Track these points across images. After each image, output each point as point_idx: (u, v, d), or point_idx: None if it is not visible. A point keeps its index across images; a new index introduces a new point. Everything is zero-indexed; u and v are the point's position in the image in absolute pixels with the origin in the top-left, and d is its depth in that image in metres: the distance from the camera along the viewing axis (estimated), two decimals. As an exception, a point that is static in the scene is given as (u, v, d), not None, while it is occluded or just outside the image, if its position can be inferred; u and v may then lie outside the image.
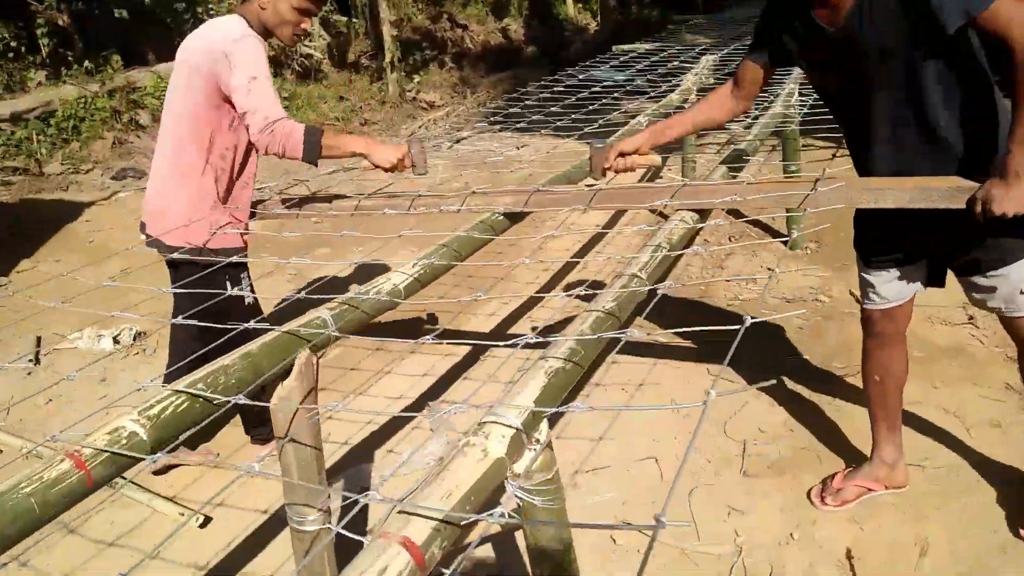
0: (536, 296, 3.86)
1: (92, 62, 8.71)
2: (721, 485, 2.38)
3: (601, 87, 4.47)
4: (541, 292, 3.99)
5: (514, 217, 2.36)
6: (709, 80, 4.74)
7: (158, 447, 1.29)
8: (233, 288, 2.40)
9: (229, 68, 2.20)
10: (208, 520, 2.38)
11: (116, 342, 3.71)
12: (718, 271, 4.07)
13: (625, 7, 15.13)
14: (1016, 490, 2.22)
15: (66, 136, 7.59)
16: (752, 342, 3.23)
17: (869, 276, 2.14)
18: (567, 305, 3.76)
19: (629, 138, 2.27)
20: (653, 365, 3.04)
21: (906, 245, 2.03)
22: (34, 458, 2.44)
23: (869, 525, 2.16)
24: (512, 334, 3.56)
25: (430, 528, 0.97)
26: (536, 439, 1.25)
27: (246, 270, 2.50)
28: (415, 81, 10.22)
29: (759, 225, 4.75)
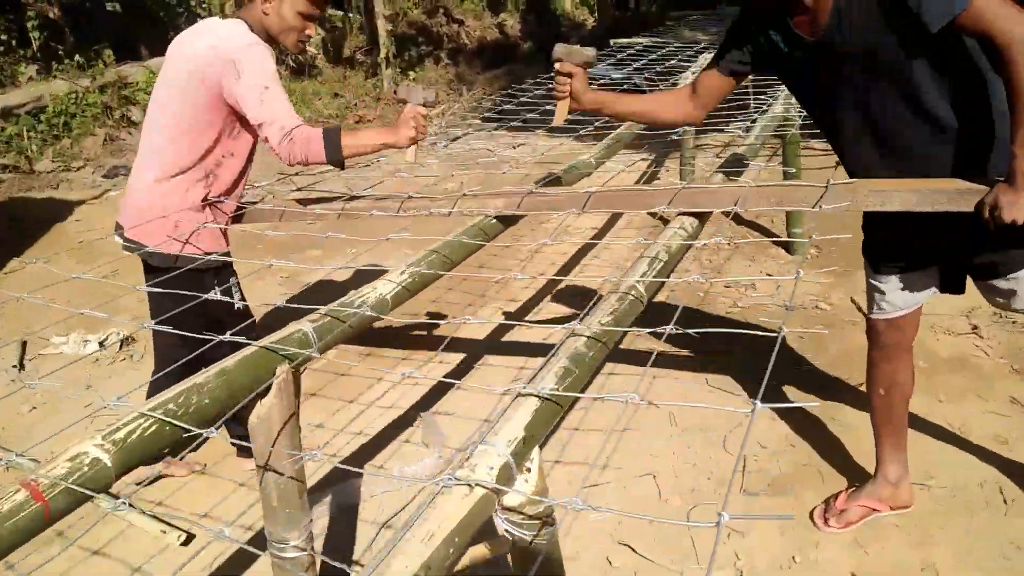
0: (531, 303, 3.78)
1: (84, 56, 8.60)
2: (721, 503, 2.30)
3: (598, 85, 4.39)
4: (536, 297, 3.91)
5: (508, 220, 2.27)
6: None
7: (123, 474, 1.21)
8: (221, 292, 2.32)
9: (236, 76, 2.09)
10: (191, 538, 2.30)
11: (102, 347, 3.63)
12: (716, 275, 3.99)
13: (622, 4, 15.07)
14: (1024, 510, 2.15)
15: (57, 132, 7.48)
16: (751, 352, 3.16)
17: (879, 282, 2.06)
18: (564, 312, 3.69)
19: (584, 86, 2.05)
20: (652, 379, 2.96)
21: (917, 249, 1.95)
22: (15, 468, 2.35)
23: (873, 548, 2.08)
24: (506, 341, 3.48)
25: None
26: (527, 468, 1.18)
27: (234, 274, 2.42)
28: (411, 77, 10.12)
29: (758, 228, 4.68)
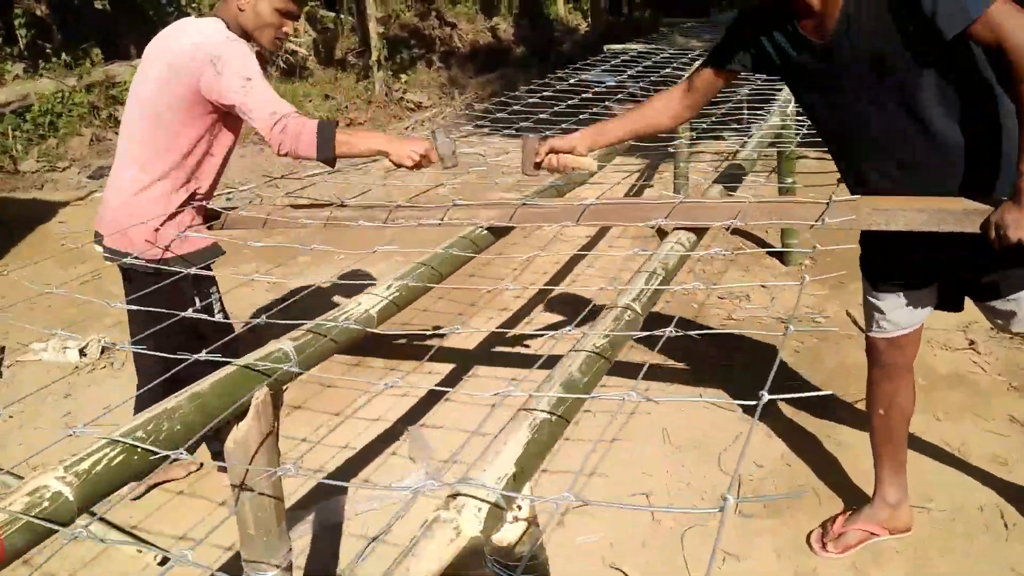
0: (522, 312, 3.71)
1: (71, 55, 8.48)
2: (715, 525, 2.24)
3: (593, 93, 4.33)
4: (528, 306, 3.84)
5: (499, 231, 2.21)
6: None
7: (87, 507, 1.14)
8: (202, 305, 2.24)
9: (216, 73, 2.03)
10: (167, 560, 2.22)
11: (83, 354, 3.53)
12: (712, 287, 3.93)
13: (616, 9, 15.04)
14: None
15: (43, 132, 7.37)
16: (745, 365, 3.11)
17: (877, 301, 2.00)
18: (556, 320, 3.63)
19: (566, 136, 2.08)
20: (645, 390, 2.89)
21: (916, 263, 1.90)
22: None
23: (872, 573, 2.02)
24: (497, 352, 3.42)
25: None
26: (518, 506, 1.11)
27: (214, 283, 2.34)
28: (402, 80, 10.04)
29: (753, 239, 4.63)
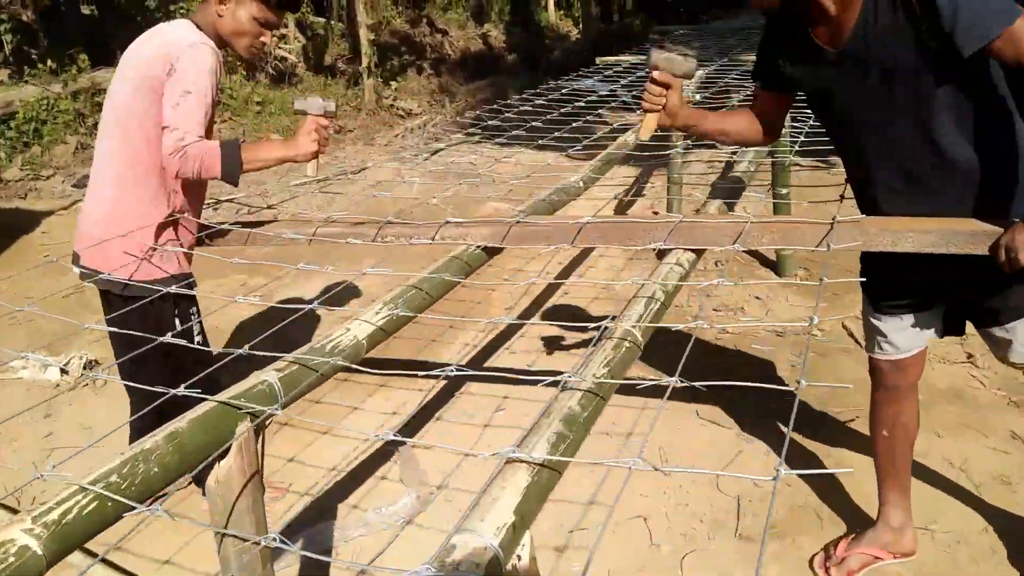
0: (515, 324, 3.64)
1: (57, 61, 8.37)
2: (715, 550, 2.18)
3: (586, 102, 4.28)
4: (523, 318, 3.78)
5: (492, 250, 2.16)
6: (695, 97, 4.56)
7: (57, 560, 1.07)
8: (181, 324, 2.18)
9: (168, 74, 2.02)
10: (147, 587, 2.15)
11: (64, 372, 3.45)
12: (705, 299, 3.88)
13: (607, 16, 15.02)
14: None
15: (27, 140, 7.27)
16: (744, 379, 3.05)
17: (879, 323, 1.95)
18: (549, 334, 3.56)
19: (680, 101, 1.87)
20: (641, 409, 2.83)
21: (918, 284, 1.85)
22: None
23: (877, 600, 1.98)
24: (489, 367, 3.35)
25: None
26: (519, 555, 1.05)
27: (195, 303, 2.28)
28: (393, 87, 9.97)
29: (747, 250, 4.58)
